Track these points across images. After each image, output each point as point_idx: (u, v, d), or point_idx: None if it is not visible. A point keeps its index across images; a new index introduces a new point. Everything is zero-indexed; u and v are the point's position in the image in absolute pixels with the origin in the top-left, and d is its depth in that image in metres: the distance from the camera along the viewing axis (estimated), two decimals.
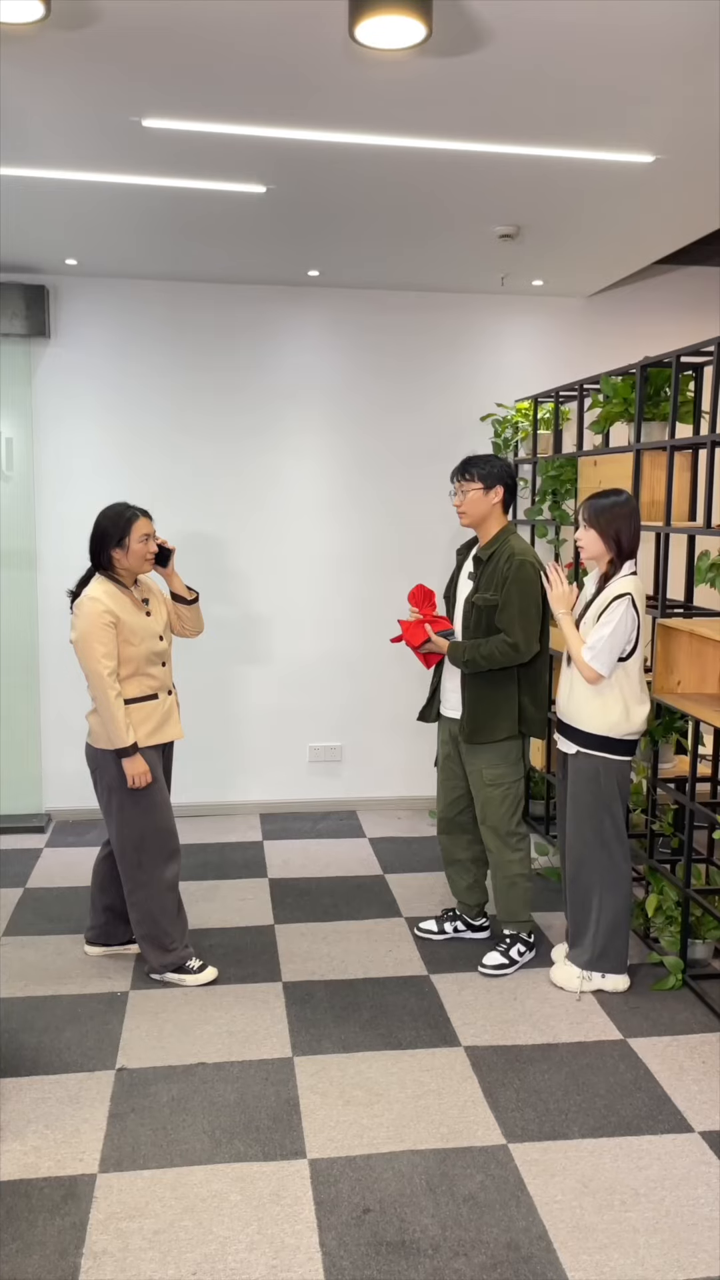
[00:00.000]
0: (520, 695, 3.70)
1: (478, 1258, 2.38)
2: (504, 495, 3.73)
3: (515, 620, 3.59)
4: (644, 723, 3.51)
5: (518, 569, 3.61)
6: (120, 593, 3.53)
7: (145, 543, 3.56)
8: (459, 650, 3.65)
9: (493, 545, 3.72)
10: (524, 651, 3.60)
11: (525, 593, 3.61)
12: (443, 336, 5.55)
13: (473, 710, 3.69)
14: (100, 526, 3.55)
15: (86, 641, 3.43)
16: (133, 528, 3.53)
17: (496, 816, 3.75)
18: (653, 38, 2.57)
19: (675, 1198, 2.59)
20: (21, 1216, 2.51)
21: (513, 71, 2.77)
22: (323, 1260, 2.37)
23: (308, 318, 5.45)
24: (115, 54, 2.71)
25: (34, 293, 5.07)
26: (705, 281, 5.64)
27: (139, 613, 3.55)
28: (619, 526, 3.44)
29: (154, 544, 3.59)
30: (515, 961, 3.82)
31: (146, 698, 3.58)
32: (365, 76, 2.81)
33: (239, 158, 3.48)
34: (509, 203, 3.94)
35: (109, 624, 3.44)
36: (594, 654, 3.40)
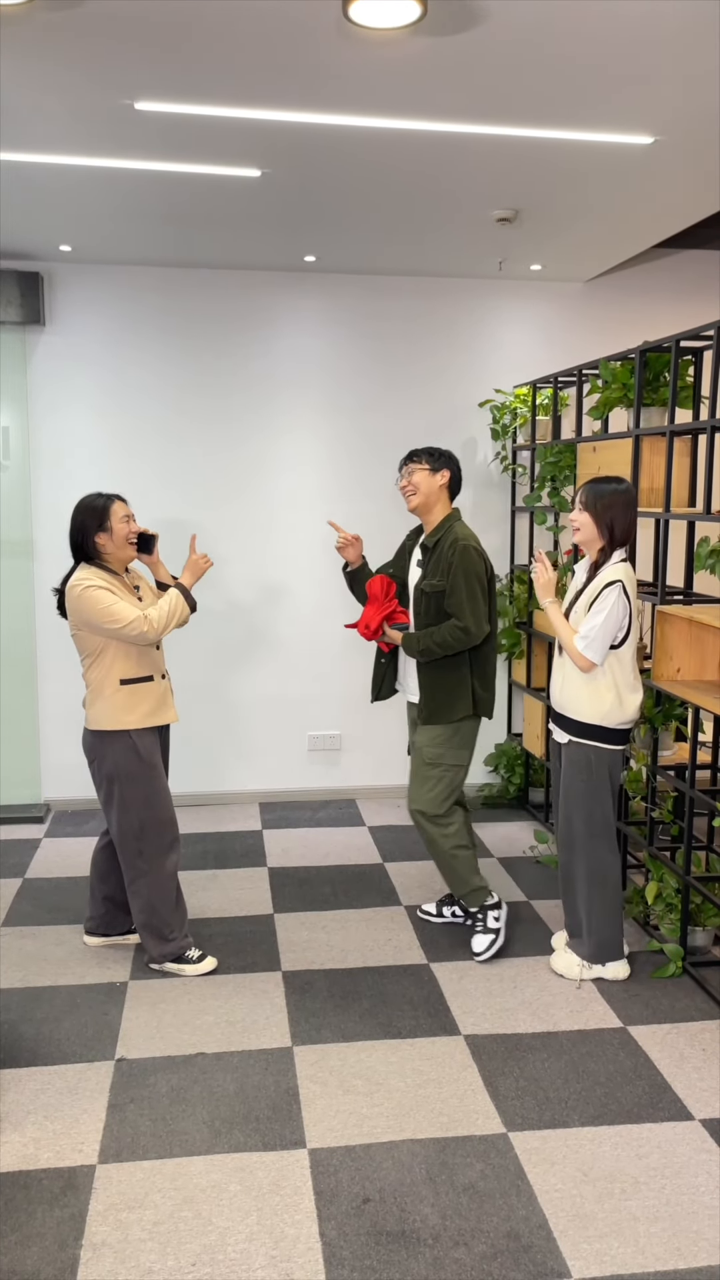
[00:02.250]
0: (471, 677, 3.78)
1: (478, 1247, 2.38)
2: (450, 480, 3.82)
3: (464, 604, 3.66)
4: (637, 711, 3.50)
5: (462, 554, 3.68)
6: (111, 577, 3.53)
7: (126, 523, 3.55)
8: (413, 641, 3.72)
9: (438, 532, 3.79)
10: (475, 635, 3.67)
11: (470, 577, 3.68)
12: (440, 322, 5.52)
13: (431, 693, 3.77)
14: (79, 517, 3.54)
15: (91, 616, 3.42)
16: (111, 509, 3.52)
17: (426, 799, 3.77)
18: (651, 17, 2.53)
19: (675, 1186, 2.59)
20: (21, 1208, 2.51)
21: (509, 51, 2.73)
22: (323, 1250, 2.36)
23: (304, 303, 5.41)
24: (107, 35, 2.67)
25: (28, 280, 5.03)
26: (705, 265, 5.60)
27: (129, 596, 3.55)
28: (614, 515, 3.44)
29: (134, 525, 3.59)
30: (495, 930, 3.85)
31: (144, 679, 3.57)
32: (360, 57, 2.77)
33: (233, 141, 3.44)
34: (507, 186, 3.90)
35: (106, 590, 3.44)
36: (587, 643, 3.39)
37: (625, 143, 3.41)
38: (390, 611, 3.85)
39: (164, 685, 3.66)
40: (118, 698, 3.53)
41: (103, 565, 3.54)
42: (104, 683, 3.54)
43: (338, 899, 4.35)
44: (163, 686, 3.65)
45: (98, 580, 3.47)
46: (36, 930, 4.05)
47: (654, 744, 3.91)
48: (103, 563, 3.54)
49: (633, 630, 3.44)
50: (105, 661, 3.53)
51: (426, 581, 3.75)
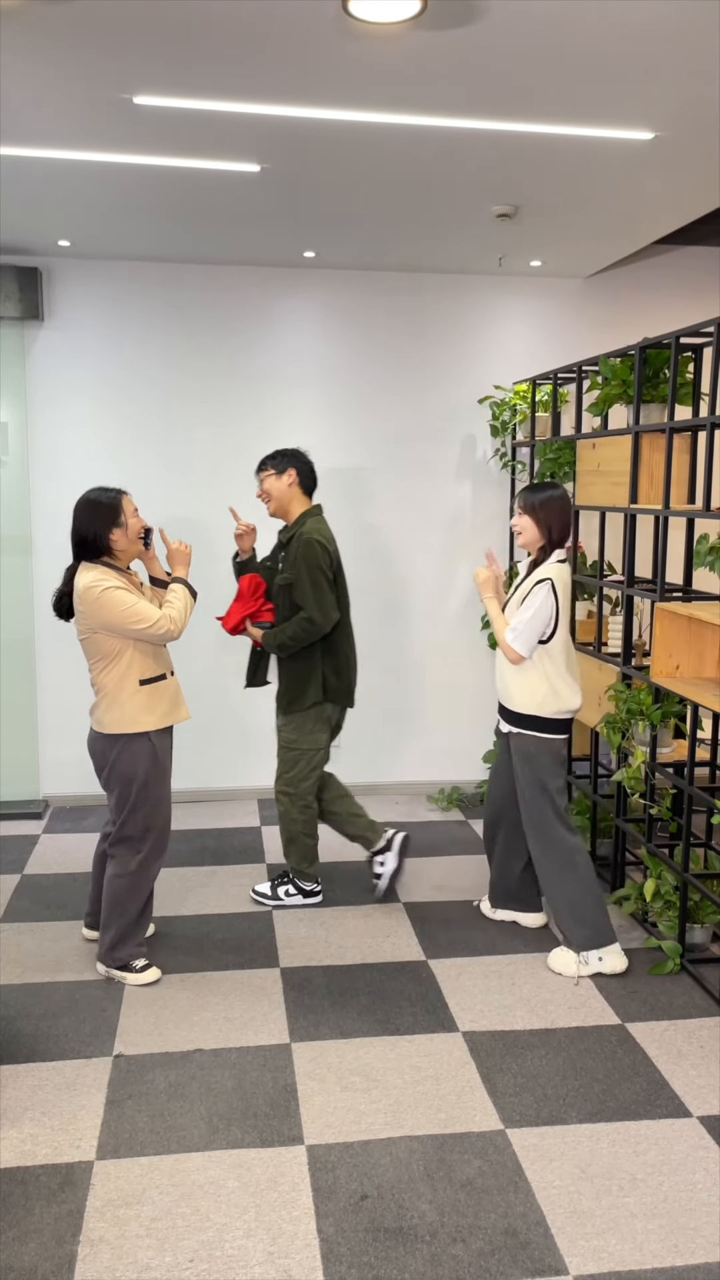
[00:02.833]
0: (322, 666, 3.98)
1: (475, 1243, 2.38)
2: (299, 477, 3.99)
3: (309, 595, 3.86)
4: (575, 701, 3.67)
5: (304, 547, 3.87)
6: (122, 575, 3.45)
7: (137, 516, 3.50)
8: (270, 638, 3.94)
9: (293, 529, 3.99)
10: (321, 624, 3.87)
11: (313, 569, 3.86)
12: (440, 318, 5.51)
13: (286, 684, 4.02)
14: (88, 514, 3.41)
15: (114, 611, 3.33)
16: (123, 503, 3.44)
17: (289, 775, 4.06)
18: (652, 12, 2.52)
19: (673, 1183, 2.59)
20: (18, 1204, 2.51)
21: (509, 46, 2.72)
22: (320, 1246, 2.37)
23: (304, 299, 5.40)
24: (105, 29, 2.66)
25: (27, 275, 5.02)
26: (705, 261, 5.59)
27: (138, 594, 3.47)
28: (552, 517, 3.63)
29: (141, 519, 3.54)
30: (280, 899, 4.21)
31: (159, 677, 3.52)
32: (360, 52, 2.77)
33: (232, 136, 3.43)
34: (506, 182, 3.89)
35: (118, 588, 3.35)
36: (515, 635, 3.59)
37: (625, 138, 3.40)
38: (255, 610, 4.04)
39: (175, 682, 3.61)
40: (138, 699, 3.45)
41: (109, 563, 3.44)
42: (121, 685, 3.44)
43: (336, 896, 4.35)
44: (174, 684, 3.60)
45: (114, 580, 3.38)
46: (34, 926, 4.05)
47: (653, 741, 3.91)
48: (110, 560, 3.45)
49: (561, 626, 3.62)
50: (123, 663, 3.44)
51: (281, 576, 3.98)
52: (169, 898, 4.31)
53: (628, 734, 4.01)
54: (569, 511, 3.68)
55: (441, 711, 5.78)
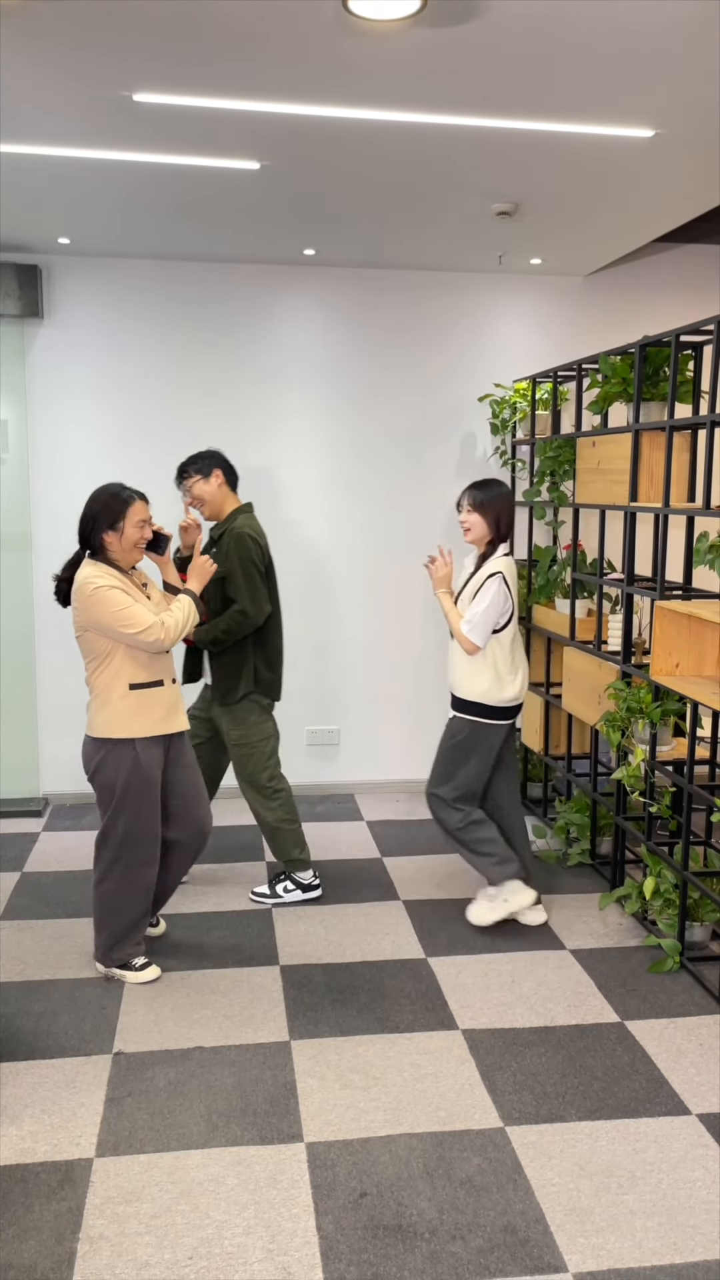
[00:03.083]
0: (254, 658, 4.03)
1: (475, 1241, 2.38)
2: (224, 476, 4.05)
3: (241, 589, 3.92)
4: (518, 691, 3.88)
5: (236, 541, 3.94)
6: (118, 574, 3.37)
7: (140, 529, 3.36)
8: (203, 634, 3.95)
9: (224, 525, 4.05)
10: (254, 617, 3.93)
11: (245, 562, 3.93)
12: (440, 316, 5.50)
13: (218, 675, 4.04)
14: (92, 508, 3.36)
15: (105, 611, 3.26)
16: (129, 511, 3.34)
17: (247, 772, 4.10)
18: (652, 10, 2.52)
19: (672, 1180, 2.59)
20: (18, 1201, 2.51)
21: (509, 44, 2.72)
22: (319, 1244, 2.37)
23: (303, 297, 5.40)
24: (106, 27, 2.66)
25: (27, 272, 5.02)
26: (705, 259, 5.58)
27: (139, 595, 3.41)
28: (499, 513, 3.86)
29: (149, 530, 3.41)
30: (279, 896, 4.24)
31: (152, 684, 3.42)
32: (359, 49, 2.76)
33: (232, 133, 3.43)
34: (507, 179, 3.89)
35: (112, 587, 3.28)
36: (470, 627, 3.78)
37: (626, 136, 3.40)
38: None
39: (174, 691, 3.50)
40: (126, 703, 3.38)
41: (110, 561, 3.39)
42: (111, 687, 3.38)
43: (336, 893, 4.35)
44: (173, 692, 3.49)
45: (110, 579, 3.31)
46: (34, 924, 4.05)
47: (652, 739, 3.91)
48: (109, 558, 3.40)
49: (513, 617, 3.84)
50: (113, 665, 3.37)
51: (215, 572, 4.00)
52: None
53: (627, 732, 4.01)
54: (512, 508, 3.92)
55: (442, 709, 5.77)
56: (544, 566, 5.07)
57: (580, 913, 4.16)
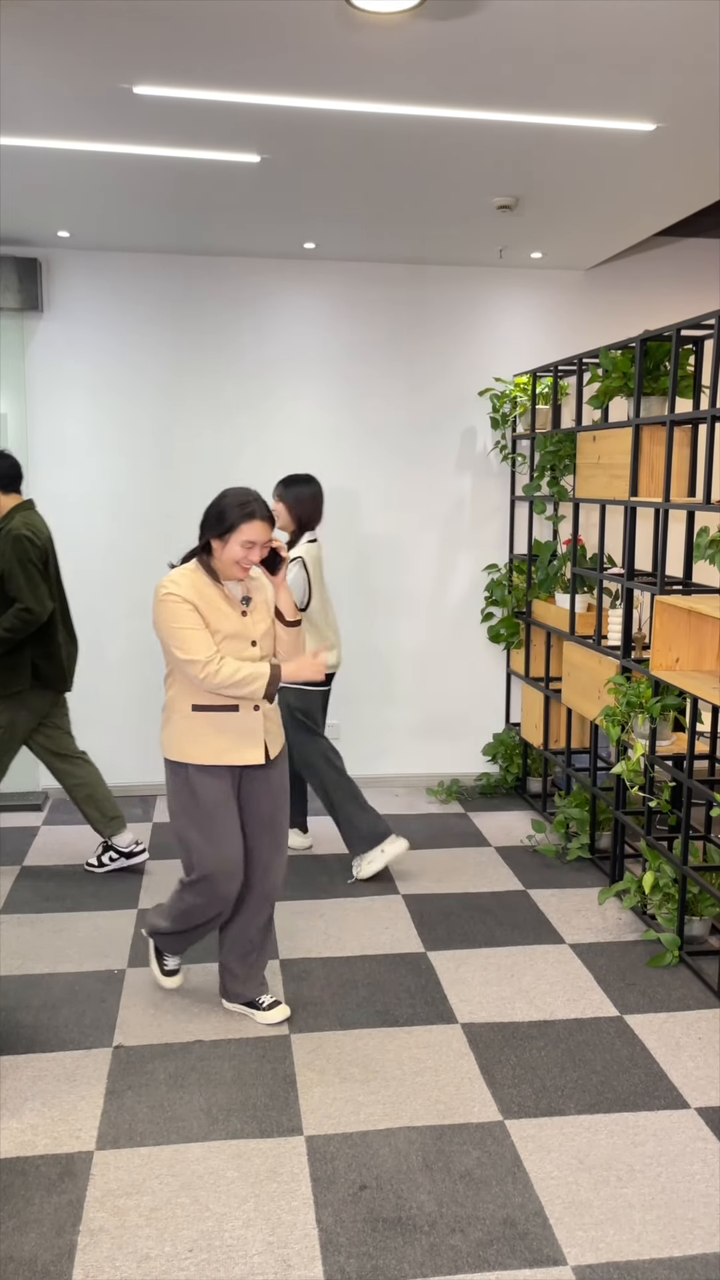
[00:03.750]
0: (30, 652, 4.18)
1: (474, 1234, 2.38)
2: (2, 476, 4.20)
3: (23, 588, 4.06)
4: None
5: (13, 543, 4.07)
6: (209, 584, 3.01)
7: (247, 549, 2.95)
8: None
9: (2, 524, 4.17)
10: (39, 614, 4.08)
11: (25, 562, 4.06)
12: (440, 310, 5.49)
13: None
14: (212, 508, 3.01)
15: (163, 626, 2.96)
16: (240, 528, 2.94)
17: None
18: (654, 3, 2.51)
19: (671, 1174, 2.60)
20: (18, 1194, 2.52)
21: (510, 36, 2.71)
22: (319, 1236, 2.37)
23: (304, 291, 5.39)
24: (105, 19, 2.65)
25: (26, 266, 5.01)
26: (706, 254, 5.57)
27: (227, 610, 3.02)
28: (302, 507, 4.33)
29: (258, 553, 2.99)
30: (105, 865, 4.51)
31: (221, 708, 3.03)
32: (360, 41, 2.75)
33: (232, 126, 3.42)
34: (507, 173, 3.88)
35: (183, 600, 2.96)
36: None
37: (627, 129, 3.39)
38: None
39: (250, 719, 3.06)
40: (186, 725, 3.05)
41: (208, 566, 3.04)
42: (175, 704, 3.08)
43: (335, 887, 4.35)
44: (248, 721, 3.06)
45: (188, 590, 2.97)
46: (34, 918, 4.05)
47: (652, 734, 3.91)
48: (210, 565, 3.05)
49: (315, 596, 4.32)
50: (179, 680, 3.06)
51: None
52: (168, 890, 4.32)
53: (627, 727, 4.01)
54: (316, 501, 4.36)
55: (441, 704, 5.78)
56: (544, 561, 5.07)
57: (579, 907, 4.16)
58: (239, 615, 3.04)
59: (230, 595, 3.05)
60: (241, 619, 3.04)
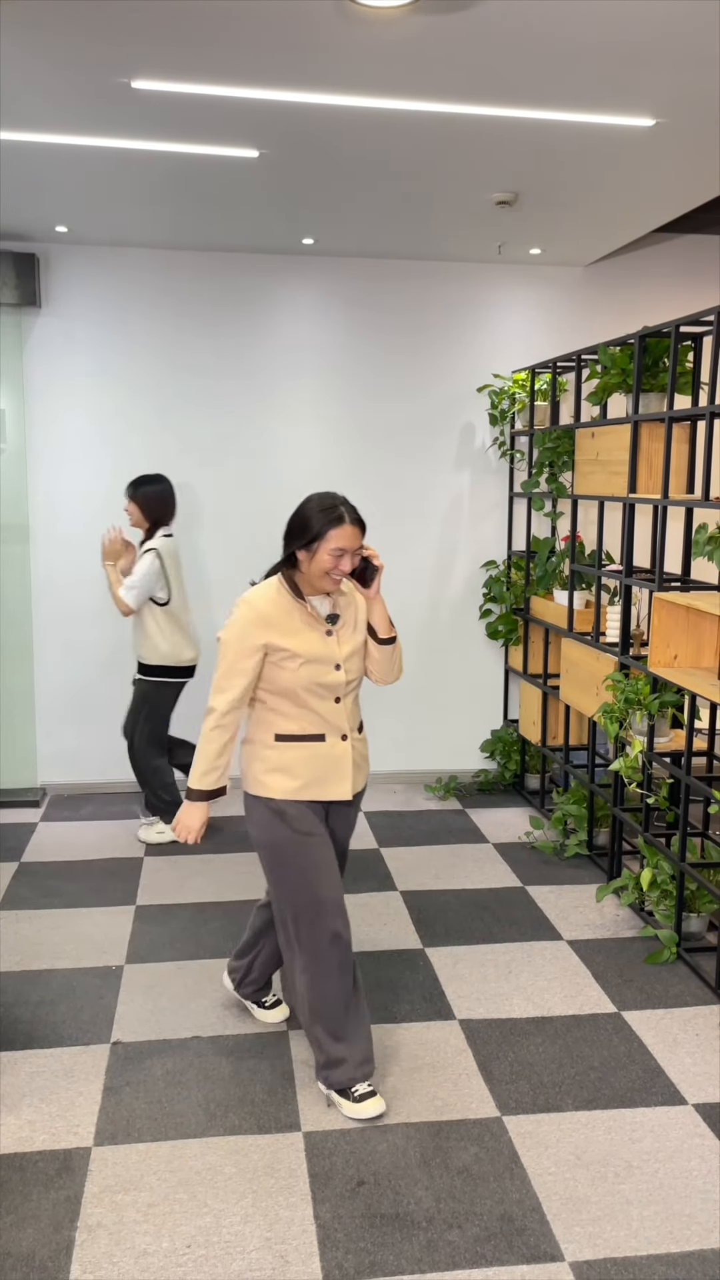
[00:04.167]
0: None
1: (471, 1230, 2.39)
2: None
3: None
4: (187, 654, 4.67)
5: None
6: (292, 603, 2.76)
7: (336, 559, 2.71)
8: None
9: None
10: None
11: None
12: (439, 306, 5.49)
13: None
14: (296, 517, 2.77)
15: (224, 650, 2.77)
16: (329, 534, 2.69)
17: None
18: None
19: (668, 1170, 2.60)
20: (16, 1190, 2.52)
21: (509, 31, 2.70)
22: (317, 1233, 2.38)
23: (302, 287, 5.38)
24: (104, 13, 2.64)
25: (24, 261, 4.99)
26: (706, 250, 5.56)
27: (310, 631, 2.76)
28: (150, 505, 4.61)
29: (349, 561, 2.74)
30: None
31: (308, 737, 2.78)
32: (359, 36, 2.75)
33: (231, 121, 3.41)
34: (506, 169, 3.88)
35: (252, 639, 2.72)
36: (127, 590, 4.50)
37: (626, 125, 3.39)
38: None
39: (340, 750, 2.81)
40: (268, 756, 2.79)
41: (294, 583, 2.80)
42: (255, 733, 2.84)
43: None
44: (338, 751, 2.80)
45: (266, 607, 2.74)
46: (33, 914, 4.05)
47: (650, 731, 3.91)
48: (295, 579, 2.81)
49: (175, 591, 4.58)
50: (263, 706, 2.82)
51: None
52: (166, 886, 4.32)
53: (625, 723, 4.02)
54: (164, 498, 4.63)
55: (439, 701, 5.78)
56: (542, 558, 5.07)
57: (577, 903, 4.17)
58: (323, 636, 2.78)
59: (315, 614, 2.78)
60: (325, 640, 2.78)
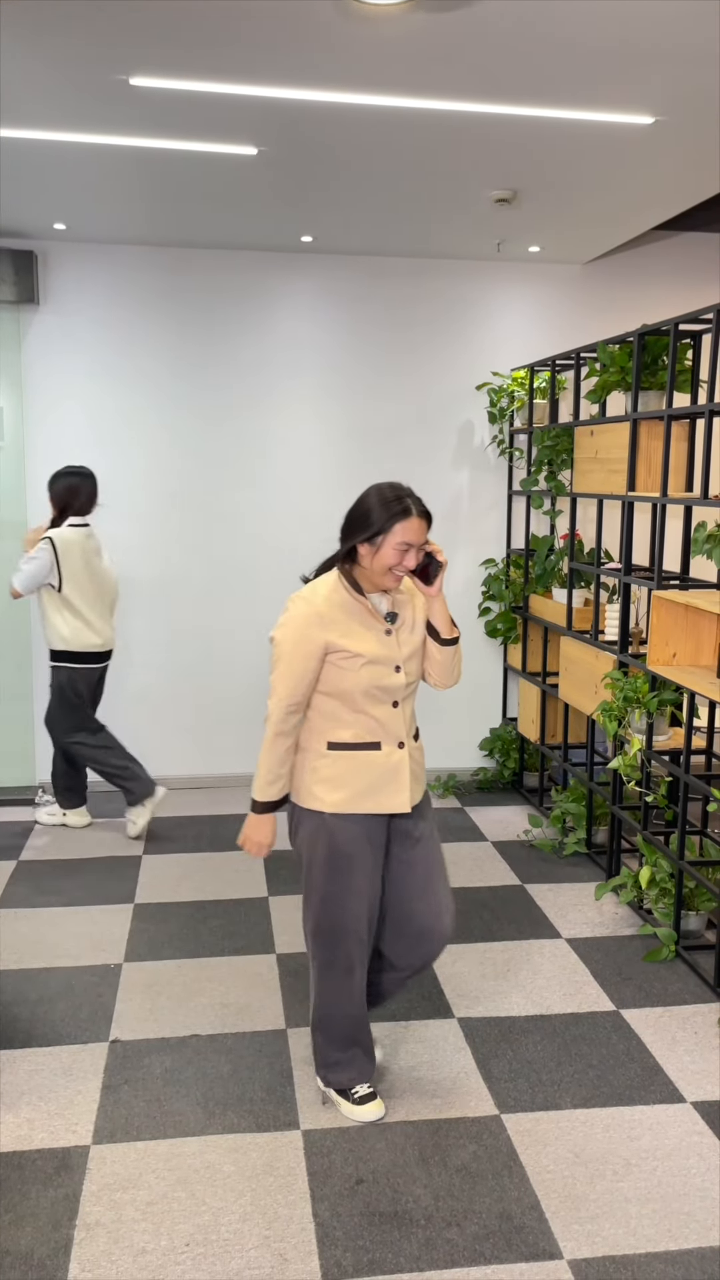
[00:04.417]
0: None
1: (470, 1228, 2.39)
2: None
3: None
4: (95, 640, 4.71)
5: None
6: (350, 598, 2.61)
7: (401, 553, 2.55)
8: None
9: None
10: None
11: None
12: (438, 303, 5.48)
13: None
14: (358, 508, 2.60)
15: (278, 650, 2.62)
16: (395, 527, 2.53)
17: None
18: None
19: (667, 1168, 2.60)
20: (15, 1188, 2.52)
21: (508, 29, 2.70)
22: (316, 1231, 2.38)
23: (301, 284, 5.37)
24: (102, 10, 2.63)
25: (22, 258, 4.99)
26: (705, 248, 5.56)
27: (370, 630, 2.61)
28: (59, 495, 4.68)
29: (415, 557, 2.59)
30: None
31: (364, 745, 2.63)
32: (358, 33, 2.74)
33: (229, 118, 3.41)
34: (505, 166, 3.87)
35: (311, 639, 2.57)
36: (16, 575, 4.60)
37: (625, 123, 3.38)
38: None
39: (398, 758, 2.65)
40: (319, 765, 2.64)
41: (350, 576, 2.64)
42: (308, 741, 2.68)
43: None
44: (394, 760, 2.64)
45: (323, 606, 2.58)
46: (31, 912, 4.05)
47: (649, 729, 3.91)
48: (354, 575, 2.64)
49: (68, 580, 4.59)
50: (315, 713, 2.67)
51: None
52: (165, 884, 4.32)
53: (624, 722, 4.02)
54: (72, 489, 4.66)
55: (437, 699, 5.77)
56: (541, 556, 5.07)
57: (576, 902, 4.17)
58: (382, 635, 2.62)
59: (375, 611, 2.64)
60: (385, 640, 2.62)
